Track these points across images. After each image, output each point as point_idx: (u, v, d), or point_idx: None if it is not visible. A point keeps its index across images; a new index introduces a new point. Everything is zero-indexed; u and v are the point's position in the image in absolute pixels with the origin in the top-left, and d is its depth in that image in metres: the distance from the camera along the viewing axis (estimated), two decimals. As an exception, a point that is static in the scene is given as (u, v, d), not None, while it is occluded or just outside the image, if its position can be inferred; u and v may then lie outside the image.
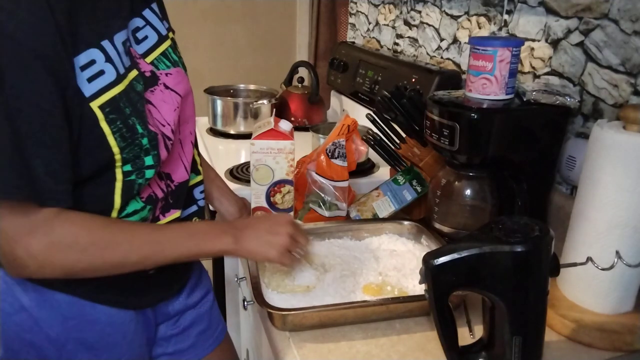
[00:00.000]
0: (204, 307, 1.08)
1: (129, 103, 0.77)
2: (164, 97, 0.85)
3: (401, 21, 1.74)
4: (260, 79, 2.22)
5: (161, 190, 0.87)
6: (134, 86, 0.79)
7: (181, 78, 0.89)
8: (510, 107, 0.98)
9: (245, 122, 1.84)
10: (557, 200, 1.08)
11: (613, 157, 0.78)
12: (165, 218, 0.90)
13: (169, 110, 0.85)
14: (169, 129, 0.85)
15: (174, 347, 1.03)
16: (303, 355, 0.78)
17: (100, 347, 0.87)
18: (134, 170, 0.79)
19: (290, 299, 0.88)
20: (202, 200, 1.00)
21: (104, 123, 0.74)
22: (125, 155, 0.77)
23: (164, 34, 0.88)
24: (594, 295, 0.84)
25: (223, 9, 2.33)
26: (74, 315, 0.84)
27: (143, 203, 0.84)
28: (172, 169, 0.89)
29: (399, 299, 0.87)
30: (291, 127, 1.12)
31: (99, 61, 0.73)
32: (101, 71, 0.74)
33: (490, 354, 0.74)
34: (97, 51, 0.73)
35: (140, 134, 0.78)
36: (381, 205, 1.18)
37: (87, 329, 0.85)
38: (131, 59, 0.80)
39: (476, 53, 0.97)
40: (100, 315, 0.85)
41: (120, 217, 0.82)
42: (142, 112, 0.79)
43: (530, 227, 0.68)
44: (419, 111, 1.13)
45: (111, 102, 0.74)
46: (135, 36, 0.84)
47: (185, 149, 0.92)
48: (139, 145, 0.78)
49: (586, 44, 1.02)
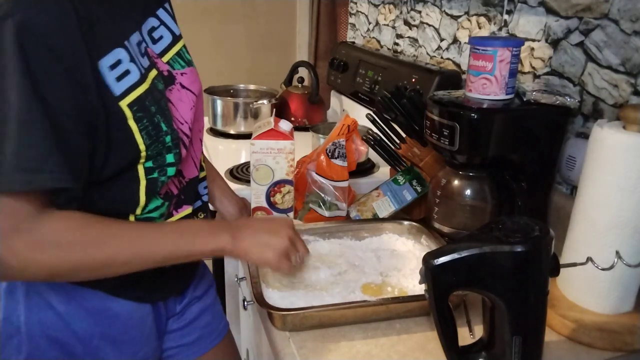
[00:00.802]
0: (208, 300, 1.09)
1: (153, 101, 0.78)
2: (180, 96, 0.86)
3: (401, 21, 1.74)
4: (260, 79, 2.22)
5: (175, 186, 0.89)
6: (156, 85, 0.80)
7: (195, 77, 0.91)
8: (510, 107, 0.98)
9: (245, 122, 1.84)
10: (557, 200, 1.08)
11: (613, 157, 0.78)
12: (178, 214, 0.91)
13: (186, 109, 0.86)
14: (187, 127, 0.86)
15: (180, 341, 1.03)
16: (303, 355, 0.78)
17: (123, 341, 0.88)
18: (156, 167, 0.80)
19: (291, 299, 0.88)
20: (206, 196, 1.01)
21: (132, 121, 0.75)
22: (149, 153, 0.78)
23: (177, 33, 0.90)
24: (594, 295, 0.84)
25: (223, 9, 2.33)
26: (99, 310, 0.85)
27: (162, 200, 0.85)
28: (184, 165, 0.90)
29: (399, 299, 0.87)
30: (291, 127, 1.13)
31: (125, 61, 0.75)
32: (127, 71, 0.75)
33: (490, 354, 0.74)
34: (123, 50, 0.75)
35: (165, 132, 0.79)
36: (381, 205, 1.18)
37: (111, 324, 0.86)
38: (149, 59, 0.81)
39: (476, 53, 0.97)
40: (123, 309, 0.86)
41: (143, 213, 0.82)
42: (165, 110, 0.80)
43: (530, 227, 0.68)
44: (419, 111, 1.13)
45: (138, 100, 0.75)
46: (152, 36, 0.85)
47: (195, 146, 0.93)
48: (162, 142, 0.79)
49: (586, 44, 1.02)
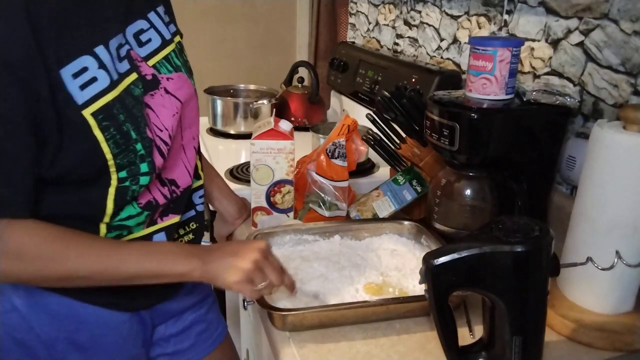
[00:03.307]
0: (203, 309, 1.08)
1: (123, 109, 0.76)
2: (163, 101, 0.84)
3: (401, 21, 1.74)
4: (260, 79, 2.22)
5: (163, 196, 0.87)
6: (132, 90, 0.78)
7: (182, 83, 0.88)
8: (510, 107, 0.98)
9: (245, 122, 1.84)
10: (557, 200, 1.08)
11: (613, 157, 0.78)
12: (163, 222, 0.89)
13: (167, 116, 0.84)
14: (167, 134, 0.84)
15: (174, 347, 1.03)
16: (303, 355, 0.78)
17: (91, 347, 0.87)
18: (128, 176, 0.78)
19: (291, 299, 0.88)
20: (200, 205, 0.99)
21: (97, 130, 0.73)
22: (119, 162, 0.76)
23: (167, 38, 0.88)
24: (594, 295, 0.84)
25: (223, 9, 2.33)
26: (64, 315, 0.84)
27: (140, 209, 0.83)
28: (177, 175, 0.89)
29: (399, 299, 0.87)
30: (291, 127, 1.12)
31: (92, 68, 0.73)
32: (94, 78, 0.73)
33: (490, 354, 0.74)
34: (90, 58, 0.73)
35: (134, 139, 0.77)
36: (381, 205, 1.18)
37: (77, 330, 0.85)
38: (130, 62, 0.79)
39: (476, 53, 0.97)
40: (91, 316, 0.85)
41: (114, 221, 0.81)
42: (137, 117, 0.78)
43: (530, 227, 0.68)
44: (419, 111, 1.13)
45: (104, 108, 0.74)
46: (139, 38, 0.83)
47: (187, 154, 0.92)
48: (133, 151, 0.77)
49: (586, 44, 1.02)
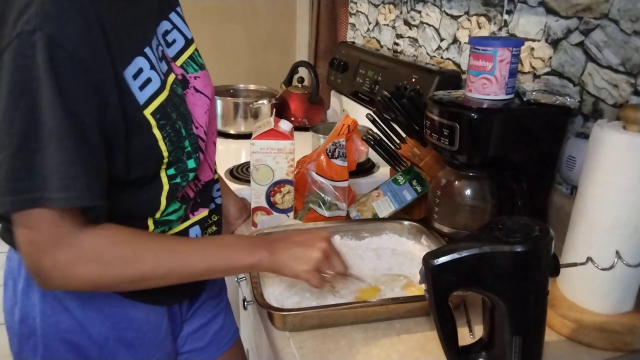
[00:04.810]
0: (220, 306, 1.09)
1: (174, 108, 0.78)
2: (195, 100, 0.85)
3: (401, 21, 1.74)
4: (260, 79, 2.22)
5: (192, 190, 0.89)
6: (175, 90, 0.79)
7: (208, 80, 0.91)
8: (510, 107, 0.98)
9: (245, 122, 1.84)
10: (557, 200, 1.08)
11: (613, 157, 0.78)
12: (194, 217, 0.91)
13: (200, 113, 0.86)
14: (202, 131, 0.86)
15: (191, 346, 1.04)
16: (303, 355, 0.78)
17: (138, 345, 0.88)
18: (177, 173, 0.80)
19: (291, 299, 0.88)
20: (219, 198, 1.01)
21: (156, 129, 0.75)
22: (171, 159, 0.78)
23: (189, 37, 0.89)
24: (594, 295, 0.84)
25: (223, 9, 2.33)
26: (115, 314, 0.85)
27: (179, 203, 0.85)
28: (200, 168, 0.90)
29: (399, 299, 0.87)
30: (291, 127, 1.13)
31: (145, 69, 0.74)
32: (149, 79, 0.74)
33: (490, 354, 0.74)
34: (142, 59, 0.74)
35: (184, 136, 0.79)
36: (381, 205, 1.18)
37: (127, 328, 0.86)
38: (167, 62, 0.80)
39: (476, 53, 0.97)
40: (139, 313, 0.86)
41: (161, 217, 0.82)
42: (185, 115, 0.80)
43: (530, 227, 0.68)
44: (419, 111, 1.13)
45: (160, 108, 0.75)
46: (165, 39, 0.84)
47: (209, 148, 0.93)
48: (182, 148, 0.79)
49: (586, 44, 1.02)
